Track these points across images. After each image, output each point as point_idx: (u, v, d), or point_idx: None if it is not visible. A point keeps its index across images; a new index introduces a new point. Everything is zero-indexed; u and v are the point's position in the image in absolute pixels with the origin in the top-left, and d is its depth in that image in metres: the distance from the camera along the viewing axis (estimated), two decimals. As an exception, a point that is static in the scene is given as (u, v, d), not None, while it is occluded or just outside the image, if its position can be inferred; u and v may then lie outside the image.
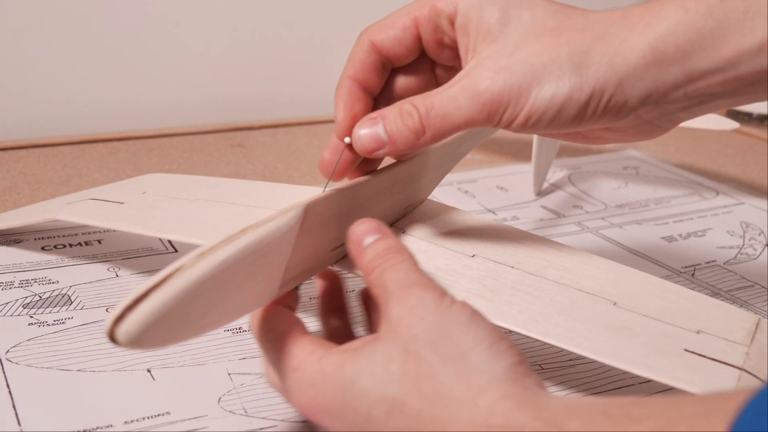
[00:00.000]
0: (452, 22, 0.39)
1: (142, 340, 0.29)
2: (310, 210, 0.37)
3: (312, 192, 0.51)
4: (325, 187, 0.40)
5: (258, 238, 0.34)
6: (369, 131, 0.39)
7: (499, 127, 0.38)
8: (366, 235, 0.37)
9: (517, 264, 0.43)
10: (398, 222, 0.47)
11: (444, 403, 0.30)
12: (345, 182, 0.42)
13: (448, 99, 0.37)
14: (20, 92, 0.85)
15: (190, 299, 0.31)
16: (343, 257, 0.43)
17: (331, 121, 0.42)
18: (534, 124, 0.37)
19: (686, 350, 0.39)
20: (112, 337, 0.29)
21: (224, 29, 0.94)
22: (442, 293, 0.34)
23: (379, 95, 0.42)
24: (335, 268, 0.43)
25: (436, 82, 0.43)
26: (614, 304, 0.41)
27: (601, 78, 0.36)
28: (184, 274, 0.30)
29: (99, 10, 0.86)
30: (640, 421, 0.27)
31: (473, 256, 0.44)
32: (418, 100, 0.38)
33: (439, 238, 0.45)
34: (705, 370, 0.38)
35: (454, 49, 0.41)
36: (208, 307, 0.32)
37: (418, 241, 0.45)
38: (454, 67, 0.42)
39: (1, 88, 0.84)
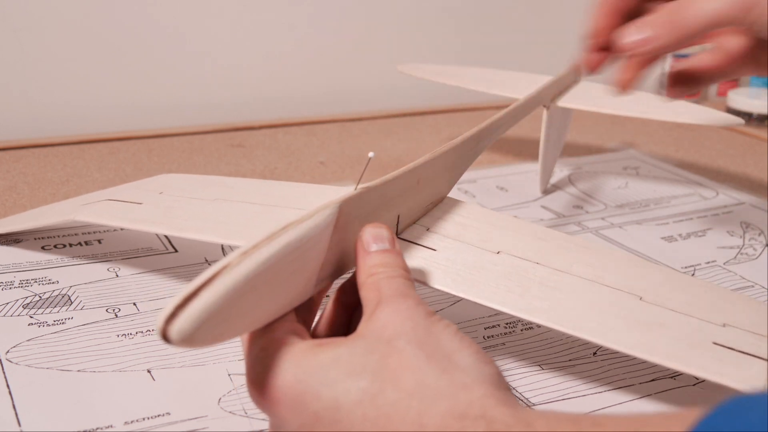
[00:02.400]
0: None
1: (194, 337, 0.29)
2: (344, 207, 0.38)
3: (327, 190, 0.51)
4: (357, 185, 0.41)
5: (299, 235, 0.34)
6: (632, 30, 0.45)
7: (748, 21, 0.43)
8: (377, 240, 0.38)
9: (543, 260, 0.44)
10: (421, 220, 0.47)
11: (423, 395, 0.30)
12: (373, 181, 0.42)
13: None
14: (20, 92, 0.85)
15: (238, 296, 0.31)
16: None
17: (331, 121, 0.42)
18: None
19: (715, 343, 0.39)
20: (164, 336, 0.29)
21: (224, 29, 0.94)
22: (432, 311, 0.35)
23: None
24: None
25: None
26: (640, 298, 0.42)
27: None
28: (231, 272, 0.31)
29: (99, 10, 0.86)
30: (604, 425, 0.28)
31: (498, 252, 0.44)
32: None
33: (463, 235, 0.46)
34: (735, 363, 0.39)
35: None
36: (254, 304, 0.33)
37: (443, 238, 0.45)
38: None
39: (1, 88, 0.84)
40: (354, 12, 0.99)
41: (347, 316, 0.40)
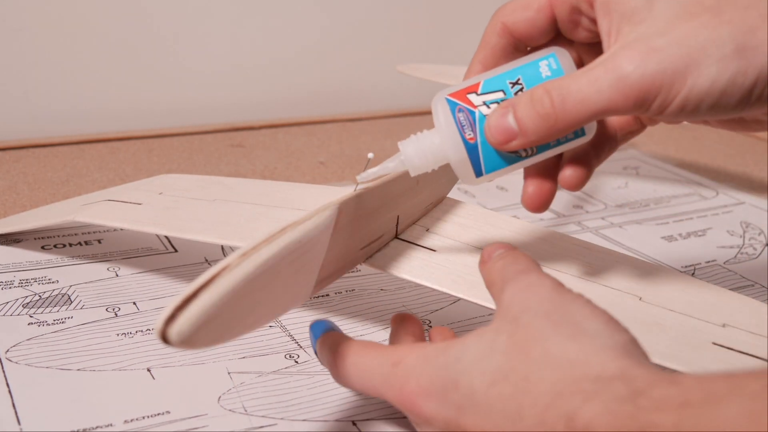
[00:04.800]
0: (591, 4, 0.36)
1: (193, 339, 0.30)
2: (343, 208, 0.38)
3: (327, 190, 0.51)
4: (357, 186, 0.41)
5: (298, 237, 0.34)
6: (498, 122, 0.36)
7: (647, 115, 0.35)
8: (498, 249, 0.37)
9: (542, 260, 0.44)
10: (421, 220, 0.47)
11: (555, 364, 0.30)
12: (374, 182, 0.42)
13: (588, 82, 0.34)
14: (20, 92, 0.85)
15: (238, 298, 0.31)
16: (372, 255, 0.43)
17: (331, 121, 0.43)
18: (691, 112, 0.34)
19: (714, 344, 0.39)
20: (164, 337, 0.29)
21: (224, 29, 0.94)
22: (560, 282, 0.34)
23: None
24: (364, 266, 0.44)
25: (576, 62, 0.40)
26: (640, 299, 0.42)
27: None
28: (231, 273, 0.31)
29: (99, 10, 0.86)
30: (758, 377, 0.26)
31: None
32: (553, 84, 0.35)
33: (463, 236, 0.46)
34: (735, 363, 0.39)
35: (592, 31, 0.38)
36: (254, 305, 0.33)
37: (443, 239, 0.45)
38: (594, 45, 0.38)
39: (1, 88, 0.84)
40: (353, 12, 0.99)
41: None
